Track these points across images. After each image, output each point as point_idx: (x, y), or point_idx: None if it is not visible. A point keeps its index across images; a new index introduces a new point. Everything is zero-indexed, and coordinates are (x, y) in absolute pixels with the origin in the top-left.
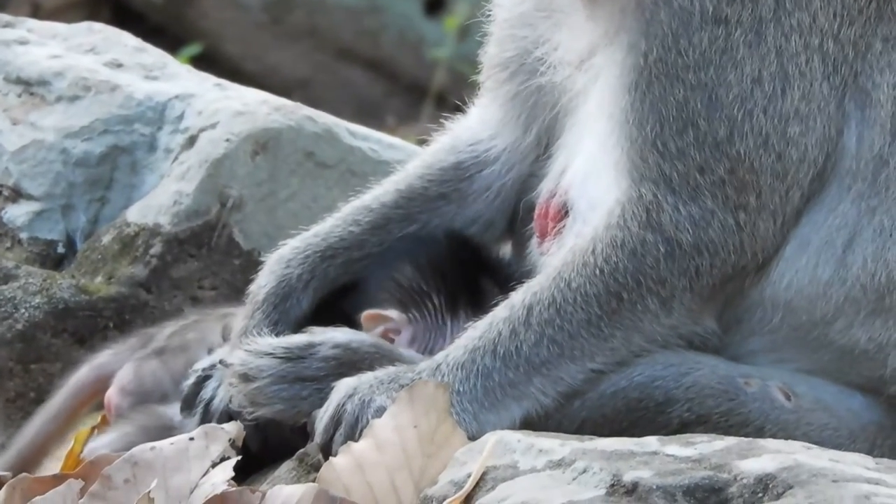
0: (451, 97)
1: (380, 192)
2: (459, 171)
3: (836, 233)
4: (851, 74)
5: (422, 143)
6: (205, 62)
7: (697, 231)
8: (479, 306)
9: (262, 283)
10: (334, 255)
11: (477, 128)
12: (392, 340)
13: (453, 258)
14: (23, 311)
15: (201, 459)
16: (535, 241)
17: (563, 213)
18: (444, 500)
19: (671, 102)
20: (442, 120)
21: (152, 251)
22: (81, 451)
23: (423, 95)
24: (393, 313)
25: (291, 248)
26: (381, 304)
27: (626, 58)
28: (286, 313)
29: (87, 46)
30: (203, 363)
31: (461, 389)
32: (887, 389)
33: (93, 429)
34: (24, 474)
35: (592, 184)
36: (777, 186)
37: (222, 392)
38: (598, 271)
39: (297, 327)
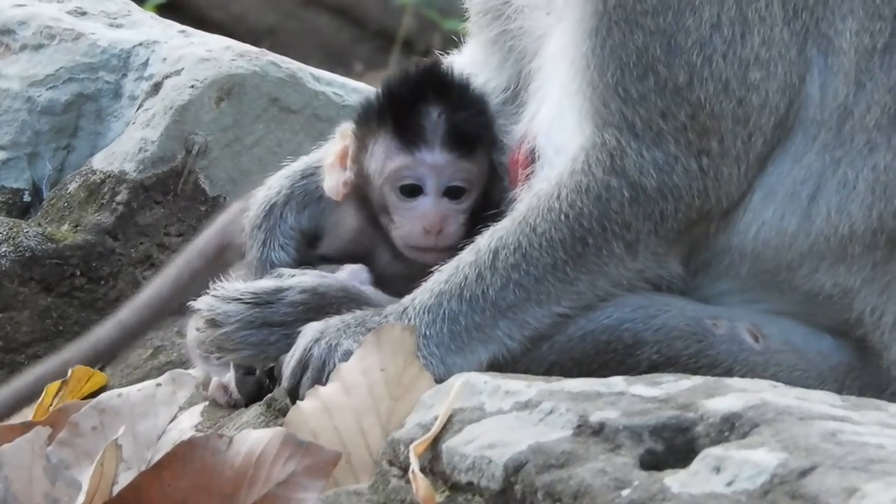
0: (419, 43)
1: None
2: None
3: (801, 185)
4: (812, 20)
5: None
6: (171, 11)
7: (661, 176)
8: None
9: (249, 213)
10: (314, 173)
11: (462, 68)
12: None
13: None
14: None
15: (168, 405)
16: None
17: (532, 159)
18: (412, 442)
19: (631, 48)
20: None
21: (118, 198)
22: (51, 404)
23: (391, 42)
24: None
25: (274, 176)
26: None
27: (587, 3)
28: (272, 230)
29: None
30: None
31: (428, 333)
32: (854, 332)
33: (62, 383)
34: None
35: (557, 130)
36: (739, 132)
37: None
38: (563, 216)
39: (295, 243)
